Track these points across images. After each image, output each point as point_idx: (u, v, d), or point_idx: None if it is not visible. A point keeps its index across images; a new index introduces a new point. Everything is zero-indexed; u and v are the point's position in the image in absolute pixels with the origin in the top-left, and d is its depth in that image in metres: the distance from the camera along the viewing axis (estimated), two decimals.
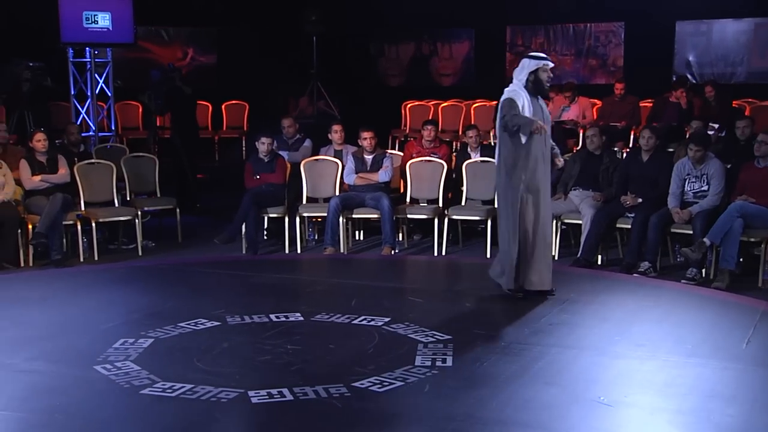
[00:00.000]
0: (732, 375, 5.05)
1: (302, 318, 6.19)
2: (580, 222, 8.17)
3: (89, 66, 11.49)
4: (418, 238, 9.34)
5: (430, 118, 11.72)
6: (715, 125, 9.59)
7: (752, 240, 7.47)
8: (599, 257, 8.14)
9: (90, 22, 11.07)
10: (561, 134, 10.28)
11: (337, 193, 8.85)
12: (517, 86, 6.58)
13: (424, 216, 8.77)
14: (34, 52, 11.23)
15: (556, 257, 8.06)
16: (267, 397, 4.65)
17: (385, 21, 15.70)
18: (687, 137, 9.10)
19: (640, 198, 7.96)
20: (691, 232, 7.61)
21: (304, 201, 8.97)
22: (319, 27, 14.07)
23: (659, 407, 4.57)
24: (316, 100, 14.26)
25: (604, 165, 8.38)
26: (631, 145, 10.85)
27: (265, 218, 9.14)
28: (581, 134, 10.90)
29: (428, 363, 5.22)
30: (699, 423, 4.41)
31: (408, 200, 9.01)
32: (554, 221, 7.77)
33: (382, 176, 8.79)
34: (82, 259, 8.44)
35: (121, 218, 8.84)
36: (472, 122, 12.21)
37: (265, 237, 9.31)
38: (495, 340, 5.71)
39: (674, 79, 12.61)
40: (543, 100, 6.74)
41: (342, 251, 8.64)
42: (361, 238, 9.39)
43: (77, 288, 7.29)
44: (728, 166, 7.92)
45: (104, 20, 11.13)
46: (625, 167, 8.31)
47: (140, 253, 8.73)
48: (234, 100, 14.28)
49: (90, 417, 4.51)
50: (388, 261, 8.41)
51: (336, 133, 9.34)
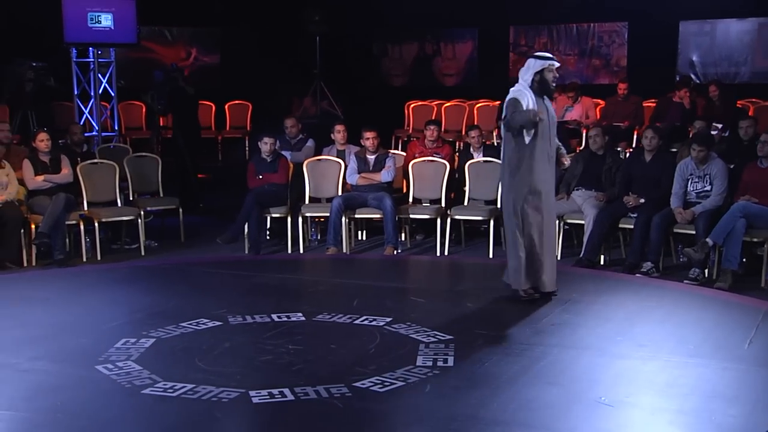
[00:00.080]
0: (734, 375, 5.05)
1: (304, 318, 6.19)
2: (583, 222, 8.16)
3: (92, 66, 11.50)
4: (421, 238, 9.33)
5: (433, 118, 11.72)
6: (719, 125, 9.58)
7: (755, 240, 7.46)
8: (602, 257, 8.13)
9: (94, 23, 11.09)
10: (564, 134, 10.23)
11: (340, 193, 8.84)
12: (523, 86, 6.55)
13: (427, 216, 8.76)
14: (38, 52, 11.24)
15: (559, 257, 8.03)
16: (268, 397, 4.65)
17: (389, 21, 15.71)
18: (690, 137, 9.09)
19: (643, 198, 7.95)
20: (694, 233, 7.59)
21: (307, 201, 8.96)
22: (323, 27, 14.11)
23: (660, 407, 4.57)
24: (320, 100, 14.27)
25: (607, 165, 8.37)
26: (635, 145, 10.83)
27: (268, 218, 9.16)
28: (584, 134, 10.89)
29: (429, 363, 5.22)
30: (700, 423, 4.40)
31: (410, 200, 9.00)
32: (557, 221, 7.76)
33: (385, 176, 8.78)
34: (85, 259, 8.44)
35: (124, 218, 8.84)
36: (475, 122, 12.23)
37: (268, 237, 9.31)
38: (497, 340, 5.71)
39: (678, 79, 12.61)
40: (549, 100, 6.70)
41: (344, 251, 8.64)
42: (364, 238, 9.38)
43: (80, 288, 7.30)
44: (731, 166, 7.91)
45: (107, 20, 11.15)
46: (628, 167, 8.30)
47: (143, 253, 8.73)
48: (237, 100, 14.31)
49: (91, 417, 4.52)
50: (391, 261, 8.41)
51: (339, 133, 9.34)
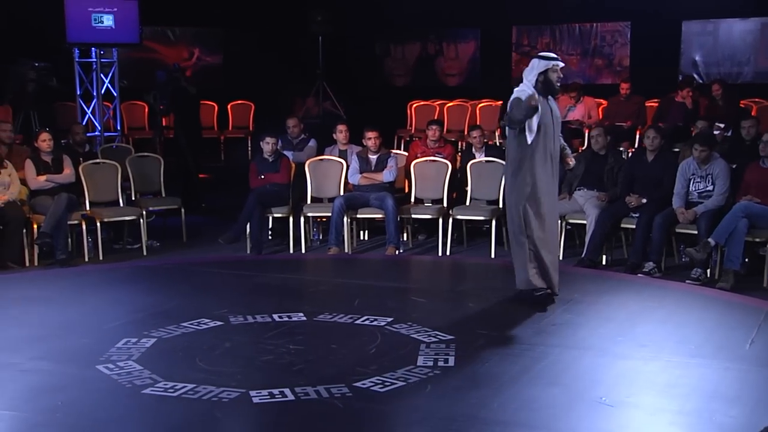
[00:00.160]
0: (735, 375, 5.04)
1: (305, 318, 6.19)
2: (585, 222, 8.15)
3: (95, 66, 11.52)
4: (423, 238, 9.33)
5: (435, 118, 11.71)
6: (721, 125, 9.56)
7: (757, 240, 7.44)
8: (604, 257, 8.12)
9: (96, 23, 11.11)
10: (566, 134, 10.17)
11: (342, 193, 8.84)
12: (527, 86, 6.46)
13: (429, 216, 8.76)
14: (40, 53, 11.26)
15: (561, 257, 8.01)
16: (268, 397, 4.65)
17: (391, 21, 15.72)
18: (692, 137, 9.07)
19: (645, 198, 7.94)
20: (696, 233, 7.58)
21: (309, 201, 8.96)
22: (325, 27, 14.12)
23: (661, 408, 4.56)
24: (322, 101, 14.28)
25: (609, 165, 8.37)
26: (637, 145, 10.82)
27: (270, 218, 9.16)
28: (586, 134, 10.88)
29: (430, 363, 5.22)
30: (701, 424, 4.40)
31: (412, 200, 8.99)
32: (559, 221, 7.74)
33: (387, 176, 8.78)
34: (87, 259, 8.45)
35: (126, 218, 8.84)
36: (478, 122, 12.22)
37: (270, 237, 9.31)
38: (497, 340, 5.71)
39: (680, 79, 12.59)
40: (553, 101, 6.63)
41: (346, 251, 8.63)
42: (366, 238, 9.38)
43: (82, 287, 7.30)
44: (733, 166, 7.90)
45: (109, 20, 11.16)
46: (630, 167, 8.29)
47: (145, 253, 8.74)
48: (240, 100, 14.32)
49: (91, 417, 4.52)
50: (392, 261, 8.41)
51: (341, 133, 9.33)
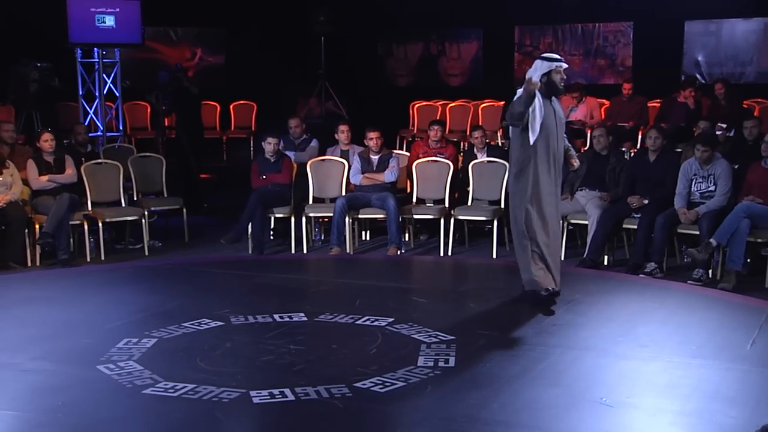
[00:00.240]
0: (736, 376, 5.03)
1: (306, 318, 6.19)
2: (587, 222, 8.14)
3: (97, 66, 11.53)
4: (425, 239, 9.32)
5: (438, 119, 11.70)
6: (723, 125, 9.54)
7: (759, 240, 7.43)
8: (605, 258, 8.11)
9: (99, 23, 11.12)
10: (568, 134, 10.18)
11: (344, 193, 8.84)
12: None
13: (430, 216, 8.75)
14: (42, 53, 11.27)
15: (563, 258, 8.01)
16: (269, 398, 4.66)
17: (394, 21, 15.71)
18: (694, 137, 9.06)
19: (647, 199, 7.93)
20: (698, 233, 7.57)
21: (311, 201, 8.96)
22: (328, 27, 14.11)
23: (661, 408, 4.56)
24: (325, 101, 14.27)
25: (611, 165, 8.35)
26: (639, 146, 10.81)
27: (272, 218, 9.16)
28: (588, 134, 10.86)
29: (431, 363, 5.22)
30: (701, 424, 4.39)
31: (414, 200, 8.99)
32: (560, 221, 7.72)
33: (389, 176, 8.78)
34: (89, 259, 8.46)
35: (128, 218, 8.85)
36: (480, 122, 12.22)
37: (272, 237, 9.32)
38: (498, 341, 5.70)
39: (683, 79, 12.58)
40: (557, 101, 6.59)
41: (348, 251, 8.63)
42: (368, 239, 9.38)
43: (83, 287, 7.30)
44: (736, 167, 7.89)
45: (111, 20, 11.18)
46: (632, 168, 8.28)
47: (147, 253, 8.74)
48: (242, 100, 14.31)
49: (92, 417, 4.53)
50: (394, 261, 8.40)
51: (342, 133, 9.33)
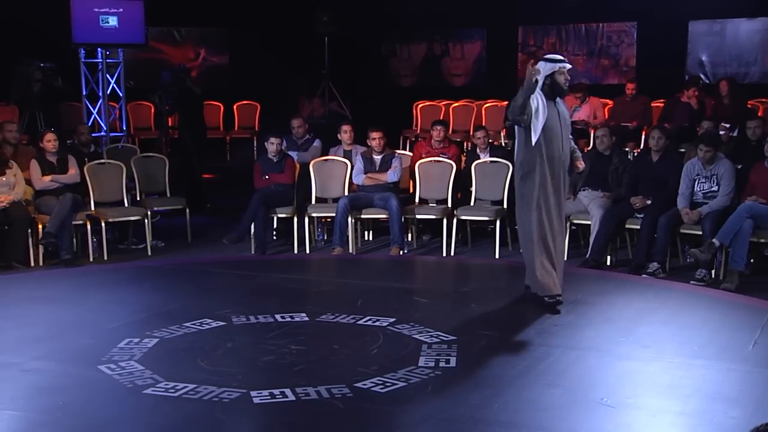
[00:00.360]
0: (737, 376, 5.02)
1: (307, 318, 6.19)
2: (589, 222, 8.12)
3: (101, 66, 11.53)
4: (428, 239, 9.32)
5: (441, 119, 11.69)
6: (727, 125, 9.53)
7: (762, 241, 7.42)
8: (608, 258, 8.09)
9: (102, 23, 11.14)
10: (572, 134, 10.21)
11: (346, 194, 8.84)
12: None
13: (433, 216, 8.74)
14: (46, 53, 11.28)
15: (565, 258, 8.00)
16: (269, 398, 4.66)
17: (397, 21, 15.69)
18: (697, 137, 9.03)
19: (650, 199, 7.91)
20: (701, 233, 7.55)
21: (313, 201, 8.96)
22: (331, 27, 14.10)
23: (662, 409, 4.55)
24: (328, 101, 14.27)
25: (614, 165, 8.34)
26: (642, 146, 10.78)
27: (274, 218, 9.14)
28: (592, 134, 10.86)
29: (432, 364, 5.21)
30: (702, 425, 4.39)
31: (417, 200, 8.99)
32: (565, 223, 7.67)
33: (391, 176, 8.77)
34: (92, 259, 8.47)
35: (131, 218, 8.86)
36: (483, 123, 12.21)
37: (274, 237, 9.32)
38: (500, 341, 5.70)
39: (687, 79, 12.55)
40: (562, 103, 6.52)
41: (350, 251, 8.63)
42: (370, 239, 9.37)
43: (86, 287, 7.31)
44: (739, 167, 7.87)
45: (114, 21, 11.19)
46: (635, 168, 8.26)
47: (149, 253, 8.74)
48: (246, 101, 14.32)
49: (92, 416, 4.53)
50: (396, 261, 8.40)
51: (345, 134, 9.33)
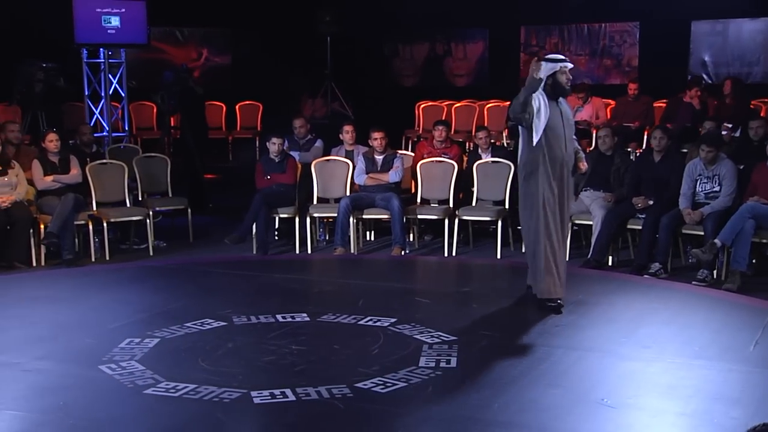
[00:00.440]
0: (738, 377, 5.02)
1: (308, 318, 6.19)
2: (591, 223, 8.12)
3: (103, 66, 11.54)
4: (429, 239, 9.31)
5: (443, 119, 11.69)
6: (729, 125, 9.51)
7: (764, 241, 7.41)
8: (610, 258, 8.08)
9: (105, 23, 11.15)
10: (576, 135, 10.19)
11: (348, 194, 8.84)
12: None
13: (435, 216, 8.74)
14: (48, 53, 11.28)
15: (567, 258, 7.99)
16: (269, 398, 4.66)
17: (399, 21, 15.69)
18: (699, 137, 9.02)
19: (652, 199, 7.90)
20: (703, 234, 7.54)
21: (315, 201, 8.96)
22: (333, 27, 14.10)
23: (663, 409, 4.55)
24: (330, 101, 14.28)
25: (615, 165, 8.33)
26: (645, 146, 10.77)
27: (276, 218, 9.16)
28: (594, 134, 10.84)
29: (432, 364, 5.21)
30: (702, 425, 4.38)
31: (418, 201, 8.98)
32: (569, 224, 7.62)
33: (393, 176, 8.77)
34: (94, 259, 8.47)
35: (133, 218, 8.86)
36: (485, 123, 12.21)
37: (276, 237, 9.32)
38: (500, 342, 5.70)
39: (689, 79, 12.54)
40: (565, 102, 6.49)
41: (352, 252, 8.63)
42: (372, 239, 9.37)
43: (88, 287, 7.31)
44: (741, 167, 7.86)
45: (116, 21, 11.20)
46: (637, 168, 8.26)
47: (151, 253, 8.75)
48: (248, 101, 14.32)
49: (93, 416, 4.54)
50: (398, 261, 8.40)
51: (347, 134, 9.32)
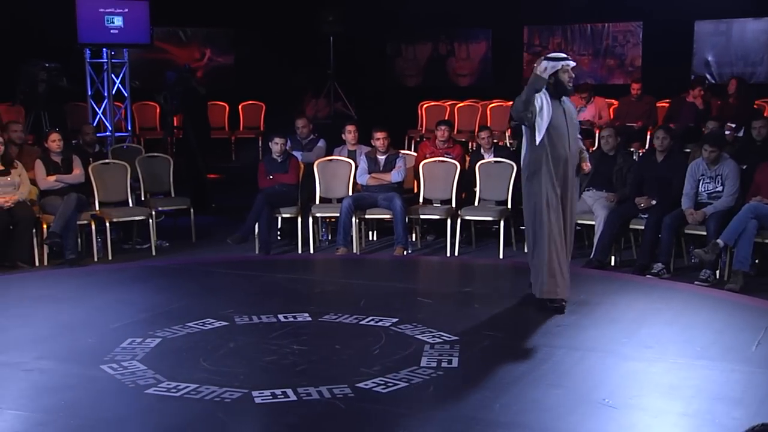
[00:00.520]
0: (739, 377, 5.01)
1: (310, 318, 6.19)
2: (594, 223, 8.11)
3: (106, 66, 11.55)
4: (431, 239, 9.31)
5: (446, 119, 11.69)
6: (733, 125, 9.50)
7: (766, 241, 7.39)
8: (612, 258, 8.07)
9: (108, 23, 11.17)
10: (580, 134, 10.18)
11: (350, 194, 8.83)
12: None
13: (437, 216, 8.74)
14: (51, 53, 11.29)
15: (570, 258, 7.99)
16: (270, 398, 4.66)
17: (402, 21, 15.69)
18: (702, 137, 9.01)
19: (654, 199, 7.89)
20: (705, 234, 7.54)
21: (317, 201, 8.96)
22: (336, 27, 14.11)
23: (664, 409, 4.54)
24: (333, 101, 14.28)
25: (618, 165, 8.32)
26: (648, 146, 10.76)
27: (278, 218, 9.16)
28: (597, 134, 10.83)
29: (434, 364, 5.21)
30: (703, 425, 4.37)
31: (421, 201, 8.98)
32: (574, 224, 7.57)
33: (395, 176, 8.77)
34: (96, 259, 8.47)
35: (135, 218, 8.87)
36: (488, 123, 12.20)
37: (278, 237, 9.32)
38: (502, 342, 5.69)
39: (692, 79, 12.52)
40: (569, 101, 6.44)
41: (354, 252, 8.63)
42: (374, 239, 9.37)
43: (90, 287, 7.32)
44: (744, 167, 7.84)
45: (119, 21, 11.22)
46: (639, 168, 8.25)
47: (154, 253, 8.75)
48: (251, 101, 14.32)
49: (94, 416, 4.54)
50: (400, 261, 8.40)
51: (350, 134, 9.32)
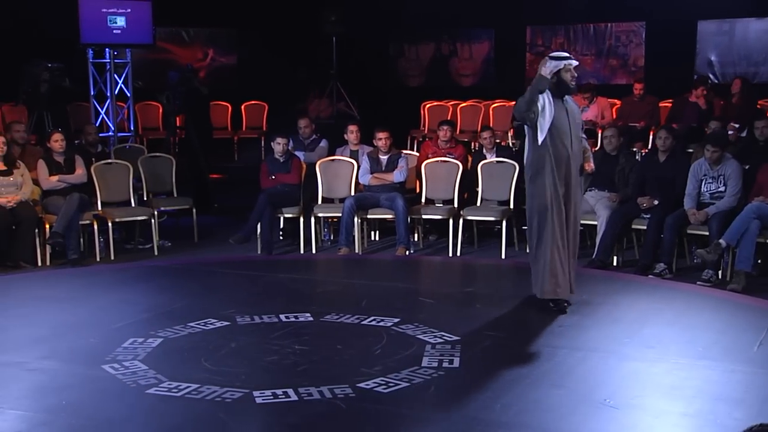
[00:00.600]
0: (741, 378, 5.00)
1: (312, 318, 6.20)
2: (596, 223, 8.11)
3: (108, 67, 11.56)
4: (434, 239, 9.31)
5: (448, 119, 11.68)
6: (736, 125, 9.48)
7: None
8: (614, 258, 8.07)
9: (110, 24, 11.18)
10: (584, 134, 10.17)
11: (352, 194, 8.84)
12: None
13: (439, 216, 8.74)
14: (53, 53, 11.30)
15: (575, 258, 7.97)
16: (271, 398, 4.66)
17: (405, 21, 15.69)
18: (704, 137, 9.00)
19: (657, 199, 7.88)
20: (708, 234, 7.53)
21: (320, 201, 8.96)
22: (339, 27, 14.11)
23: (665, 410, 4.53)
24: (336, 101, 14.28)
25: (620, 166, 8.31)
26: (650, 146, 10.74)
27: (281, 218, 9.17)
28: (599, 134, 10.81)
29: (435, 364, 5.21)
30: (704, 426, 4.37)
31: (423, 201, 8.98)
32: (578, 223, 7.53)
33: (397, 176, 8.77)
34: (99, 259, 8.49)
35: (138, 218, 8.88)
36: (491, 123, 12.19)
37: (281, 237, 9.33)
38: (503, 342, 5.69)
39: (695, 79, 12.50)
40: (572, 101, 6.42)
41: (356, 252, 8.63)
42: (377, 239, 9.37)
43: (92, 287, 7.33)
44: (746, 167, 7.84)
45: (122, 21, 11.23)
46: (642, 168, 8.24)
47: (156, 253, 8.76)
48: (253, 101, 14.32)
49: (94, 416, 4.54)
50: (402, 262, 8.40)
51: (352, 134, 9.33)
